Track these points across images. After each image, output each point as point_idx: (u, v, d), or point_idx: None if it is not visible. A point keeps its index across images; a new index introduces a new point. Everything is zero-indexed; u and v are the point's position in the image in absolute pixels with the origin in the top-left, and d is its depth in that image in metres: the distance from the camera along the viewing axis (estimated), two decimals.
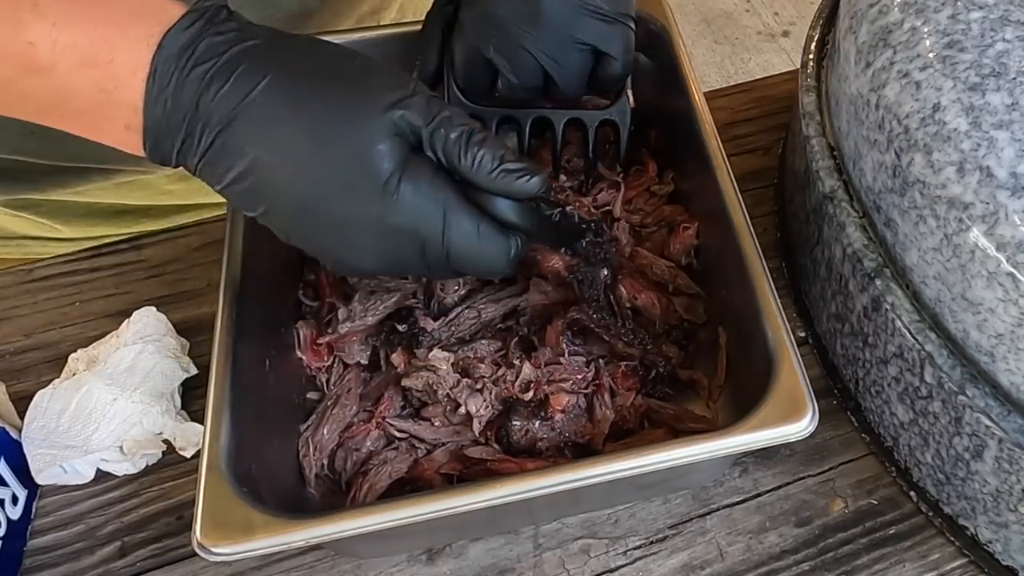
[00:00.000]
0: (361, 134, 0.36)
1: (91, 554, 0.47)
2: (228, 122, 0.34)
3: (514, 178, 0.38)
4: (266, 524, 0.36)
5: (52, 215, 0.62)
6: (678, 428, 0.46)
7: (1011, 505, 0.41)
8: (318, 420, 0.46)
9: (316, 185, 0.36)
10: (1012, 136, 0.38)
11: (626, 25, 0.45)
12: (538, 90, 0.47)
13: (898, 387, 0.45)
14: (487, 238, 0.39)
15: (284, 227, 0.38)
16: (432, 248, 0.38)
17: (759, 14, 2.02)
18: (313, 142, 0.35)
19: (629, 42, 0.46)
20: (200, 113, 0.34)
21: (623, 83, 0.48)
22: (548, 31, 0.43)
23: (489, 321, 0.49)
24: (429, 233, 0.37)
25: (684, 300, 0.51)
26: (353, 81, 0.37)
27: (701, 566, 0.46)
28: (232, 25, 0.36)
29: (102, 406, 0.48)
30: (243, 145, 0.35)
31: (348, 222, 0.37)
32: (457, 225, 0.38)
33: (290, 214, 0.37)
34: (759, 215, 0.60)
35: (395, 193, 0.36)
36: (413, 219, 0.37)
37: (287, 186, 0.36)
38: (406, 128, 0.36)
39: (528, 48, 0.44)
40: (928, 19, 0.43)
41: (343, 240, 0.37)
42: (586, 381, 0.46)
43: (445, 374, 0.46)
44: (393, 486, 0.45)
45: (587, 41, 0.44)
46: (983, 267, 0.38)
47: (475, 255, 0.39)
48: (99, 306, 0.57)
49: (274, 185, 0.36)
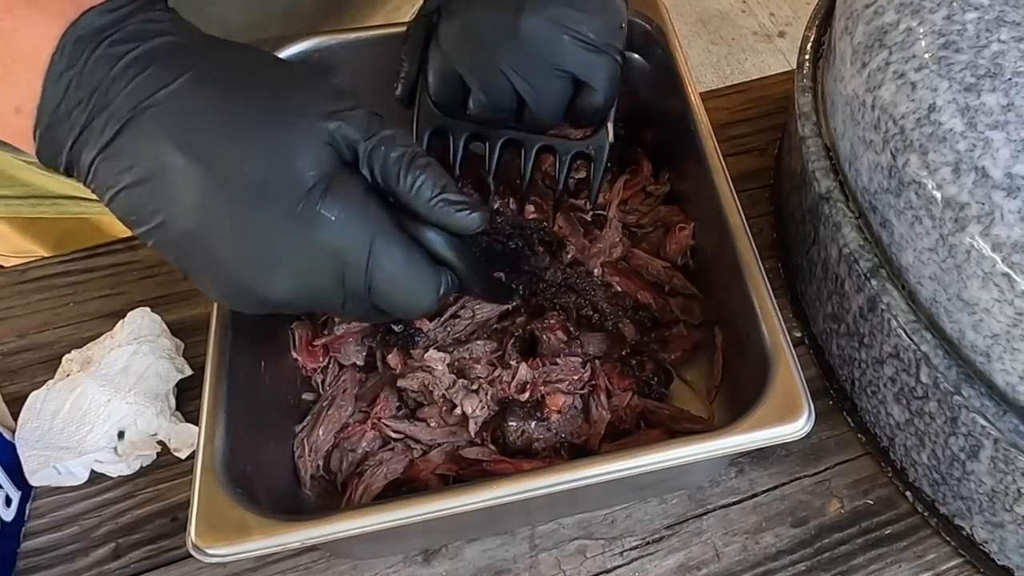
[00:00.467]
0: (288, 137, 0.32)
1: (85, 556, 0.47)
2: (139, 112, 0.31)
3: (454, 210, 0.35)
4: (261, 525, 0.35)
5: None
6: (674, 428, 0.46)
7: (1007, 505, 0.41)
8: (313, 421, 0.46)
9: (229, 188, 0.31)
10: (1007, 137, 0.38)
11: (612, 57, 0.42)
12: (510, 113, 0.44)
13: (894, 387, 0.45)
14: (416, 269, 0.35)
15: (180, 244, 0.32)
16: (353, 275, 0.34)
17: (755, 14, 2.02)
18: (232, 141, 0.31)
19: (614, 75, 0.43)
20: (108, 97, 0.30)
21: (604, 116, 0.45)
22: (526, 53, 0.41)
23: (484, 322, 0.49)
24: (352, 257, 0.33)
25: (680, 300, 0.51)
26: (289, 85, 0.34)
27: (697, 566, 0.46)
28: (166, 16, 0.33)
29: (96, 407, 0.47)
30: (152, 139, 0.31)
31: (260, 235, 0.32)
32: (385, 250, 0.34)
33: (191, 227, 0.32)
34: (755, 215, 0.60)
35: (319, 205, 0.32)
36: (336, 238, 0.33)
37: (193, 191, 0.31)
38: (341, 141, 0.34)
39: (503, 69, 0.41)
40: (924, 20, 0.43)
41: (251, 258, 0.32)
42: (582, 382, 0.46)
43: (441, 375, 0.45)
44: (389, 487, 0.45)
45: (567, 69, 0.42)
46: (979, 267, 0.38)
47: (401, 287, 0.35)
48: (93, 307, 0.57)
49: (177, 189, 0.31)
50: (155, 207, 0.32)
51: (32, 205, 0.63)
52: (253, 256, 0.33)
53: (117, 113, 0.31)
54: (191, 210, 0.31)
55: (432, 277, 0.36)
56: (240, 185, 0.31)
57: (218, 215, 0.32)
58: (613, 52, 0.42)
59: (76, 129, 0.31)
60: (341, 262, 0.34)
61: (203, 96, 0.31)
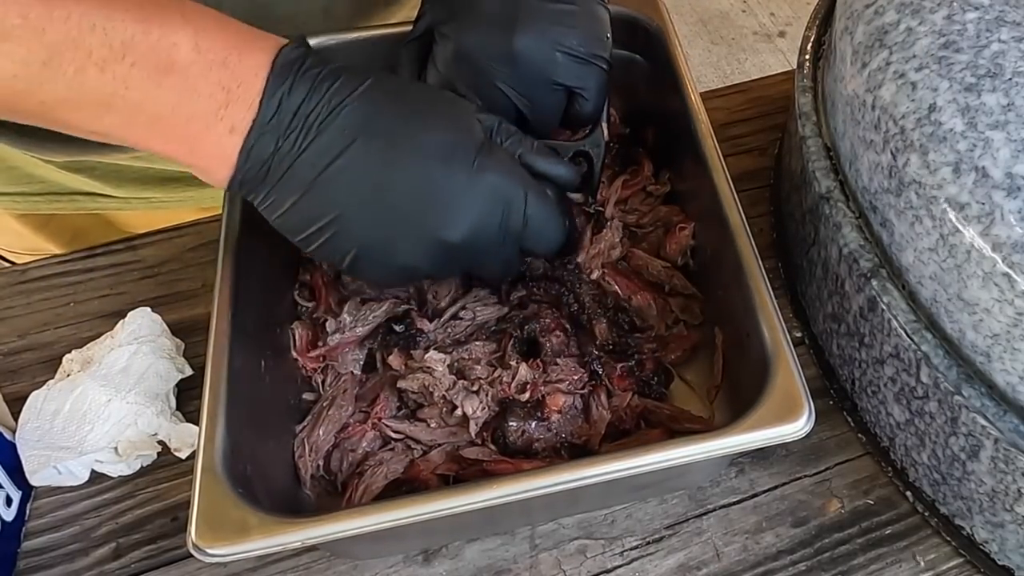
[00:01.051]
0: (455, 111, 0.41)
1: (86, 555, 0.47)
2: (336, 111, 0.37)
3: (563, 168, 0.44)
4: (262, 525, 0.35)
5: (105, 178, 0.63)
6: (675, 429, 0.46)
7: (1007, 505, 0.41)
8: (314, 421, 0.46)
9: (420, 151, 0.39)
10: (1008, 136, 0.38)
11: (600, 67, 0.45)
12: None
13: (894, 387, 0.45)
14: (556, 209, 0.43)
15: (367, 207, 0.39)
16: (515, 212, 0.41)
17: (755, 14, 2.02)
18: (416, 117, 0.39)
19: (602, 82, 0.46)
20: (310, 106, 0.37)
21: (597, 118, 0.48)
22: (522, 71, 0.44)
23: (483, 323, 0.49)
24: (516, 197, 0.40)
25: (680, 301, 0.51)
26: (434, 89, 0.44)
27: (697, 566, 0.46)
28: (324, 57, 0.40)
29: (96, 407, 0.47)
30: (349, 129, 0.38)
31: (446, 184, 0.39)
32: (538, 192, 0.41)
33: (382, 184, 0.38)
34: (755, 215, 0.60)
35: (488, 159, 0.40)
36: (504, 182, 0.40)
37: (384, 158, 0.38)
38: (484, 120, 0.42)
39: (501, 87, 0.44)
40: (924, 20, 0.43)
41: (437, 204, 0.39)
42: (582, 382, 0.46)
43: (441, 376, 0.45)
44: (389, 487, 0.45)
45: (561, 82, 0.45)
46: (979, 267, 0.38)
47: (550, 220, 0.42)
48: (94, 307, 0.57)
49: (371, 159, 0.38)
50: (352, 186, 0.38)
51: (49, 201, 0.64)
52: (439, 202, 0.39)
53: (320, 116, 0.37)
54: (381, 182, 0.38)
55: (564, 215, 0.44)
56: (426, 150, 0.39)
57: (407, 179, 0.38)
58: (600, 62, 0.45)
59: (283, 135, 0.37)
60: (506, 201, 0.40)
61: (384, 93, 0.39)
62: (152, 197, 0.65)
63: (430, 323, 0.48)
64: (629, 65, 0.54)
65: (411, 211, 0.39)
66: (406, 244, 0.40)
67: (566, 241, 0.44)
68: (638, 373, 0.48)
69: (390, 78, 0.40)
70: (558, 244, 0.44)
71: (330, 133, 0.37)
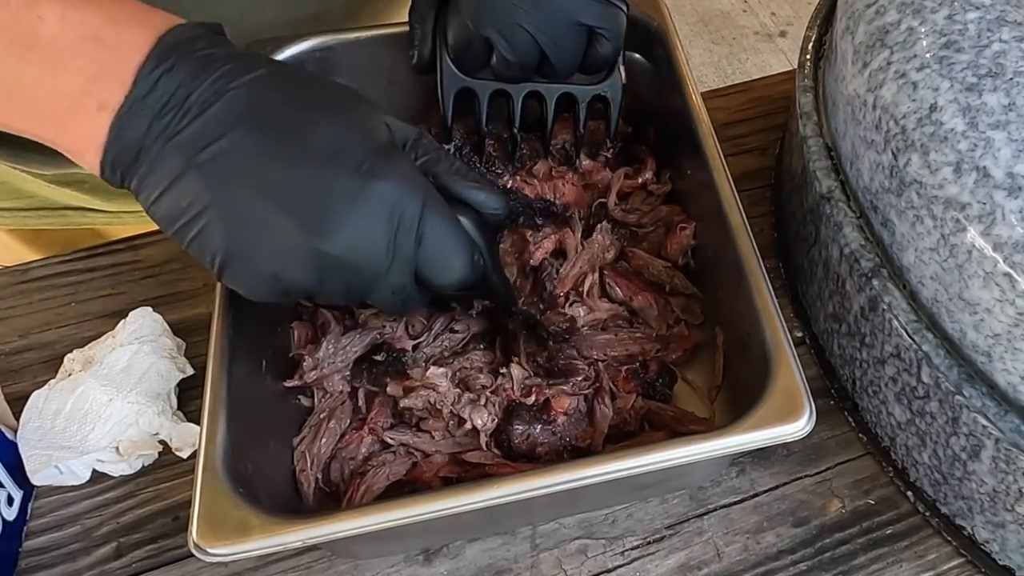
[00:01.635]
0: (355, 111, 0.37)
1: (87, 555, 0.47)
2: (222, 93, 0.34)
3: (485, 192, 0.40)
4: (262, 524, 0.35)
5: (95, 192, 0.63)
6: (679, 430, 0.46)
7: (1008, 505, 0.41)
8: (313, 433, 0.46)
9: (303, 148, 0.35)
10: (1009, 136, 0.38)
11: (620, 8, 0.46)
12: (532, 68, 0.47)
13: (895, 387, 0.45)
14: (459, 232, 0.39)
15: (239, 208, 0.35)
16: (406, 230, 0.36)
17: (756, 14, 2.02)
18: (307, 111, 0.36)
19: (621, 24, 0.47)
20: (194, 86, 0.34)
21: (614, 62, 0.49)
22: (546, 10, 0.44)
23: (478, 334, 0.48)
24: (408, 212, 0.36)
25: (681, 300, 0.51)
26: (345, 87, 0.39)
27: (698, 566, 0.46)
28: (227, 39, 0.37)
29: (98, 407, 0.47)
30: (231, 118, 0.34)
31: (326, 189, 0.35)
32: (436, 209, 0.37)
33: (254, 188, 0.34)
34: (756, 215, 0.60)
35: (382, 165, 0.36)
36: (395, 193, 0.36)
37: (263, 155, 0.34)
38: (395, 128, 0.39)
39: (526, 27, 0.44)
40: (925, 19, 0.43)
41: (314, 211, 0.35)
42: (588, 382, 0.46)
43: (446, 391, 0.45)
44: (390, 488, 0.45)
45: (584, 22, 0.45)
46: (980, 267, 0.38)
47: (447, 245, 0.38)
48: (95, 306, 0.57)
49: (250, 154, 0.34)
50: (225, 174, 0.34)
51: (39, 217, 0.64)
52: (316, 209, 0.35)
53: (201, 98, 0.34)
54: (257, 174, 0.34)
55: (470, 244, 0.39)
56: (312, 146, 0.35)
57: (286, 175, 0.35)
58: (621, 3, 0.46)
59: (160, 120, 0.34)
60: (397, 216, 0.36)
61: (280, 82, 0.36)
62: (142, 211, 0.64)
63: (410, 339, 0.47)
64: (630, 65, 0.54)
65: (285, 211, 0.34)
66: (277, 250, 0.35)
67: (473, 277, 0.39)
68: (642, 375, 0.48)
69: (295, 69, 0.38)
70: (459, 276, 0.39)
71: (209, 117, 0.34)
